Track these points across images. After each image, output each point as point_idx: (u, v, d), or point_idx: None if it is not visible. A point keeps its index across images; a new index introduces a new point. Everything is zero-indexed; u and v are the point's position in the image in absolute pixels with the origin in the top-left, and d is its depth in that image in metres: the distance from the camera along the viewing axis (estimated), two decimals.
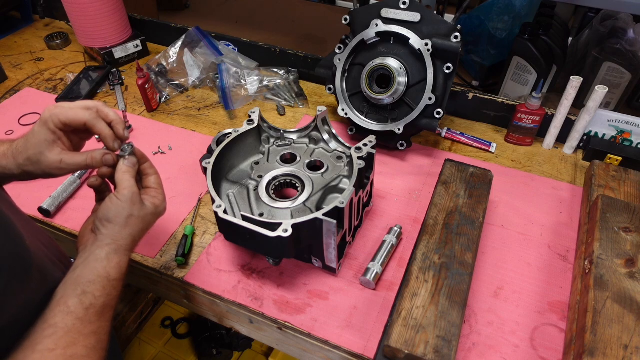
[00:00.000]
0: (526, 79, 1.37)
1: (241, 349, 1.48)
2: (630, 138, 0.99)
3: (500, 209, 0.90)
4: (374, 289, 0.77)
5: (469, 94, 1.09)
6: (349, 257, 0.82)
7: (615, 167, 0.90)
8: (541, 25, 1.32)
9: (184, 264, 0.81)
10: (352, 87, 1.01)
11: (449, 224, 0.77)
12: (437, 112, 0.94)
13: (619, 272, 0.68)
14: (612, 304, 0.64)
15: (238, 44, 1.29)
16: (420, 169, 1.00)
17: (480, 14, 1.53)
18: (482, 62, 1.57)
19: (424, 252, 0.73)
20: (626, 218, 0.75)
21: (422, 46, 0.90)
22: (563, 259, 0.82)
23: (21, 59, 1.37)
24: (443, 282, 0.69)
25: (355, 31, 0.98)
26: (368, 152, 0.77)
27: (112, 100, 1.21)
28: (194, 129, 1.12)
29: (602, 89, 0.92)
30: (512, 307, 0.74)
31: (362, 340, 0.71)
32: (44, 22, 1.56)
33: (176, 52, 1.26)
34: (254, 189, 0.79)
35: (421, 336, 0.63)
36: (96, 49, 1.30)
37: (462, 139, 1.06)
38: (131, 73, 1.30)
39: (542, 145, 1.06)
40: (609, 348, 0.60)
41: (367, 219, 0.89)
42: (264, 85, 1.21)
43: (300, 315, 0.74)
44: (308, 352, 0.76)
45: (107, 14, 1.24)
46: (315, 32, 1.80)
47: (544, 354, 0.69)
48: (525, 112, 1.00)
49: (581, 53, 1.42)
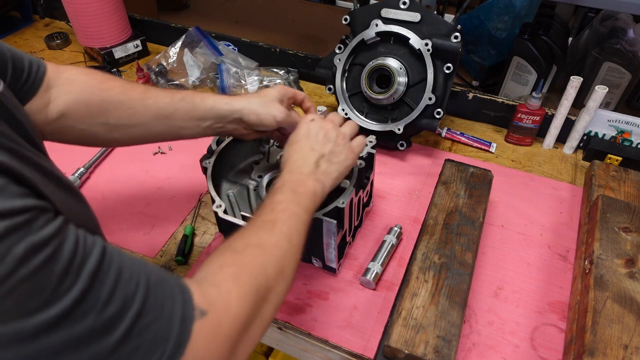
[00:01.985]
0: (526, 79, 1.36)
1: None
2: (630, 138, 0.99)
3: (500, 209, 0.90)
4: (374, 289, 0.77)
5: (469, 94, 1.09)
6: (349, 257, 0.82)
7: (615, 167, 0.90)
8: (541, 25, 1.31)
9: (184, 264, 0.81)
10: (352, 87, 1.01)
11: (449, 224, 0.77)
12: (437, 112, 0.94)
13: (619, 272, 0.68)
14: (612, 304, 0.64)
15: (238, 44, 1.29)
16: (420, 169, 1.00)
17: (480, 14, 1.53)
18: (482, 62, 1.57)
19: (424, 252, 0.73)
20: (626, 218, 0.75)
21: (422, 46, 0.90)
22: (563, 259, 0.82)
23: None
24: (443, 282, 0.69)
25: (355, 31, 0.98)
26: (368, 152, 0.77)
27: None
28: None
29: (602, 89, 0.92)
30: (512, 307, 0.74)
31: (362, 340, 0.71)
32: (44, 22, 1.55)
33: (176, 52, 1.26)
34: (254, 189, 0.79)
35: (421, 336, 0.63)
36: (96, 49, 1.30)
37: (462, 139, 1.06)
38: (131, 73, 1.30)
39: (542, 145, 1.06)
40: (609, 348, 0.60)
41: (367, 219, 0.89)
42: (264, 85, 1.20)
43: (300, 315, 0.74)
44: (308, 352, 0.76)
45: (107, 14, 1.24)
46: (315, 32, 1.80)
47: (544, 354, 0.69)
48: (525, 112, 1.00)
49: (581, 53, 1.42)
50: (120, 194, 0.94)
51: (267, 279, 0.47)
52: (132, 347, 0.34)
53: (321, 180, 0.60)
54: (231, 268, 0.46)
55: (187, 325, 0.38)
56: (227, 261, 0.47)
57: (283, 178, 0.59)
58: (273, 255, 0.49)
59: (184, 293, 0.40)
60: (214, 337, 0.40)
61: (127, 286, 0.35)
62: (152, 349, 0.35)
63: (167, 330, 0.36)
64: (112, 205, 0.92)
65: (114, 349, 0.33)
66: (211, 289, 0.42)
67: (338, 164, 0.62)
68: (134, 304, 0.35)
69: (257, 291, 0.45)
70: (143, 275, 0.37)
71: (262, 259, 0.48)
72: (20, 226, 0.29)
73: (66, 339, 0.30)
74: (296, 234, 0.53)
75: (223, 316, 0.41)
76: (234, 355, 0.42)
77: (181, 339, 0.37)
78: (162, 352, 0.36)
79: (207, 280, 0.44)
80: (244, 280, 0.45)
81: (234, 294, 0.43)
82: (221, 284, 0.43)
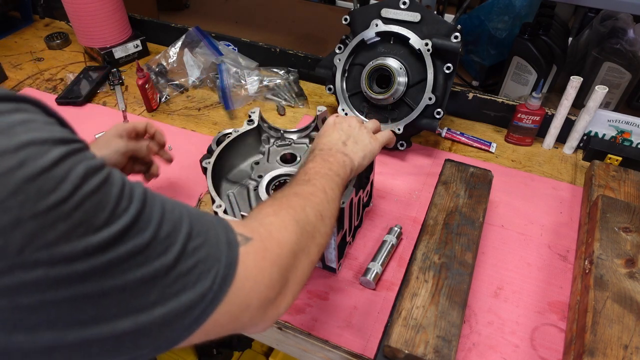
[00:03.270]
0: (526, 79, 1.36)
1: (241, 348, 1.48)
2: (630, 138, 0.99)
3: (500, 209, 0.90)
4: (374, 289, 0.77)
5: (469, 94, 1.09)
6: (349, 257, 0.82)
7: (615, 167, 0.90)
8: (541, 25, 1.31)
9: None
10: (352, 87, 1.01)
11: (449, 224, 0.77)
12: (437, 112, 0.94)
13: (619, 272, 0.68)
14: (612, 304, 0.64)
15: (238, 44, 1.29)
16: (420, 169, 1.00)
17: (480, 14, 1.53)
18: (482, 62, 1.57)
19: (424, 252, 0.73)
20: (626, 218, 0.75)
21: (422, 46, 0.90)
22: (563, 259, 0.82)
23: (21, 59, 1.37)
24: (443, 282, 0.69)
25: (355, 31, 0.98)
26: None
27: (112, 100, 1.21)
28: (194, 129, 1.12)
29: (602, 89, 0.92)
30: (512, 307, 0.74)
31: (362, 340, 0.71)
32: (44, 22, 1.55)
33: (176, 52, 1.26)
34: (254, 189, 0.79)
35: (421, 336, 0.63)
36: (96, 49, 1.29)
37: (462, 139, 1.06)
38: (131, 73, 1.30)
39: (542, 145, 1.06)
40: (609, 348, 0.60)
41: (367, 219, 0.89)
42: (264, 85, 1.20)
43: (300, 315, 0.74)
44: (308, 352, 0.76)
45: (107, 14, 1.24)
46: (315, 32, 1.80)
47: (544, 354, 0.69)
48: (525, 112, 1.00)
49: (581, 53, 1.42)
50: None
51: (307, 217, 0.50)
52: (188, 266, 0.36)
53: (349, 155, 0.64)
54: (271, 208, 0.50)
55: (234, 248, 0.40)
56: (266, 205, 0.51)
57: (313, 153, 0.64)
58: (311, 201, 0.53)
59: (224, 224, 0.42)
60: (262, 259, 0.43)
61: (172, 214, 0.37)
62: (207, 267, 0.37)
63: (217, 251, 0.39)
64: None
65: (172, 265, 0.35)
66: (251, 222, 0.46)
67: (364, 145, 0.67)
68: (183, 227, 0.37)
69: (298, 224, 0.48)
70: (184, 208, 0.40)
71: (301, 202, 0.52)
72: (77, 151, 0.32)
73: (130, 251, 0.32)
74: (330, 189, 0.57)
75: (268, 241, 0.44)
76: (287, 280, 0.46)
77: (231, 259, 0.39)
78: (217, 271, 0.38)
79: (247, 218, 0.49)
80: (284, 214, 0.49)
81: (275, 224, 0.47)
82: (262, 219, 0.47)
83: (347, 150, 0.65)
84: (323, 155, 0.62)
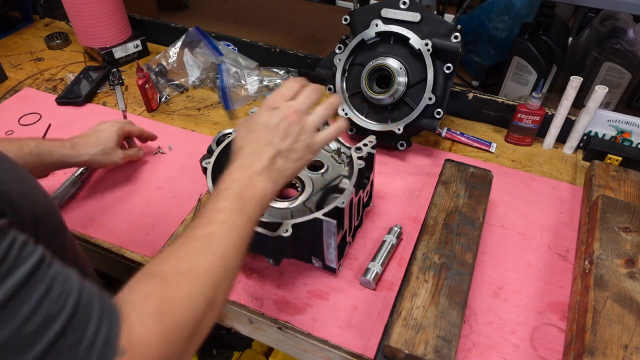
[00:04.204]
0: (526, 79, 1.36)
1: (241, 348, 1.48)
2: (630, 138, 0.99)
3: (500, 209, 0.90)
4: (374, 289, 0.77)
5: (469, 94, 1.09)
6: (349, 257, 0.82)
7: (615, 167, 0.90)
8: (541, 25, 1.31)
9: None
10: (352, 87, 1.01)
11: (449, 224, 0.77)
12: (437, 112, 0.94)
13: (619, 272, 0.68)
14: (612, 304, 0.64)
15: (238, 44, 1.29)
16: (420, 169, 1.00)
17: (480, 14, 1.53)
18: (482, 62, 1.57)
19: (424, 252, 0.73)
20: (626, 218, 0.75)
21: (422, 46, 0.90)
22: (563, 259, 0.82)
23: (21, 59, 1.37)
24: (443, 282, 0.69)
25: (355, 31, 0.98)
26: (368, 152, 0.77)
27: (112, 101, 1.21)
28: (194, 129, 1.12)
29: (602, 89, 0.92)
30: (512, 307, 0.74)
31: (362, 340, 0.71)
32: (44, 22, 1.56)
33: (176, 52, 1.26)
34: None
35: (421, 336, 0.63)
36: (96, 49, 1.30)
37: (462, 139, 1.06)
38: (131, 73, 1.30)
39: (542, 145, 1.06)
40: (609, 348, 0.60)
41: (367, 219, 0.88)
42: (264, 85, 1.21)
43: (300, 315, 0.74)
44: (308, 352, 0.76)
45: (107, 14, 1.24)
46: (315, 32, 1.80)
47: (544, 354, 0.69)
48: (525, 112, 1.00)
49: (581, 53, 1.42)
50: (120, 194, 0.94)
51: (194, 314, 0.44)
52: None
53: (274, 178, 0.56)
54: (156, 301, 0.43)
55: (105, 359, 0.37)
56: (153, 290, 0.44)
57: (232, 175, 0.55)
58: (203, 284, 0.46)
59: (111, 322, 0.38)
60: None
61: (53, 304, 0.33)
62: None
63: (84, 358, 0.35)
64: (112, 205, 0.92)
65: None
66: (136, 327, 0.40)
67: (295, 161, 0.58)
68: (56, 324, 0.33)
69: (182, 331, 0.43)
70: (74, 294, 0.36)
71: (190, 289, 0.45)
72: None
73: None
74: (234, 251, 0.50)
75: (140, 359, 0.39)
76: None
77: None
78: None
79: (133, 310, 0.41)
80: (167, 322, 0.42)
81: (154, 336, 0.41)
82: (145, 321, 0.41)
83: (273, 172, 0.56)
84: (241, 187, 0.54)
